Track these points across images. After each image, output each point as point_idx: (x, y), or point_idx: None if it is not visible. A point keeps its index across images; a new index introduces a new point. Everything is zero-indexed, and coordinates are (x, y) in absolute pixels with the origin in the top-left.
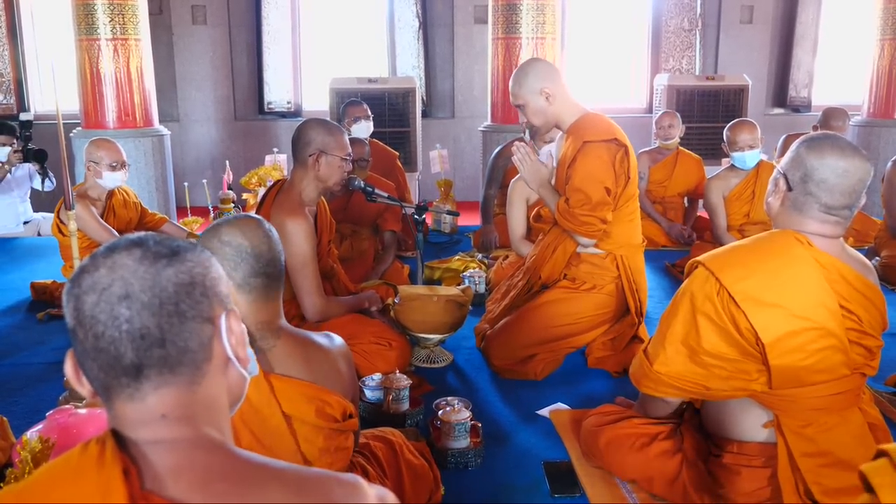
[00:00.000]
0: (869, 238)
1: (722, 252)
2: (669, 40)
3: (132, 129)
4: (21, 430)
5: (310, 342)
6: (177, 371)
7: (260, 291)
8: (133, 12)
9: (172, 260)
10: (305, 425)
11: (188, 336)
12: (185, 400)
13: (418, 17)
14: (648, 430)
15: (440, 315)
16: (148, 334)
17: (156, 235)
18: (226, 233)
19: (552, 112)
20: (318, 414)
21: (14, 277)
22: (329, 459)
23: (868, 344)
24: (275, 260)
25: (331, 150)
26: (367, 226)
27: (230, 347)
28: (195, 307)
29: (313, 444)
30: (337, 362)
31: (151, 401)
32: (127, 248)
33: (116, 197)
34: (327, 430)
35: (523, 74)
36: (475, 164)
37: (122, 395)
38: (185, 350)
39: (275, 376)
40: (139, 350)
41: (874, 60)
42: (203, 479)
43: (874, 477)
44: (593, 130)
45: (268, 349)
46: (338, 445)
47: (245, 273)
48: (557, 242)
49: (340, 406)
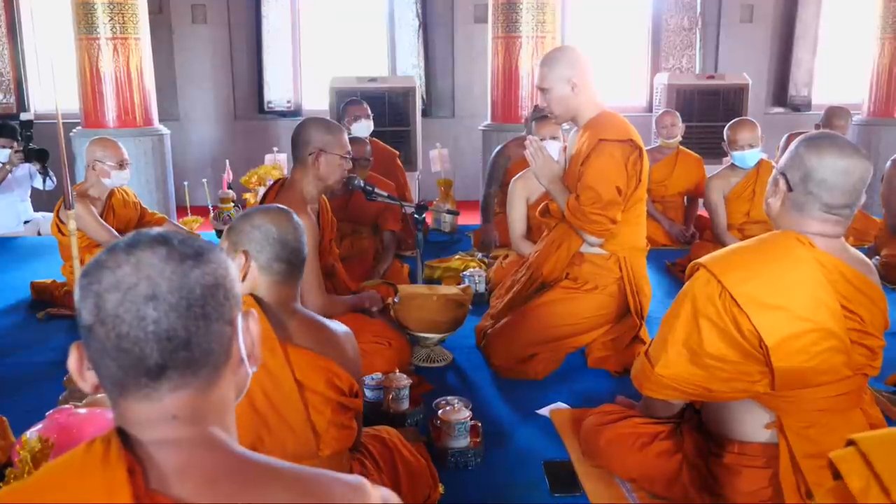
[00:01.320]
0: (869, 237)
1: (723, 254)
2: (669, 39)
3: (132, 129)
4: (21, 429)
5: (321, 324)
6: (198, 373)
7: (281, 275)
8: (133, 11)
9: (199, 261)
10: (316, 395)
11: (212, 338)
12: (198, 401)
13: (418, 16)
14: (648, 429)
15: (440, 314)
16: (175, 336)
17: (177, 233)
18: (258, 218)
19: (574, 103)
20: (327, 384)
21: (14, 277)
22: (335, 434)
23: (870, 344)
24: (298, 249)
25: (330, 148)
26: (367, 225)
27: (245, 348)
28: (219, 309)
29: (322, 414)
30: (345, 345)
31: (167, 401)
32: (151, 245)
33: (116, 196)
34: (335, 403)
35: (555, 60)
36: (475, 164)
37: (138, 395)
38: (209, 352)
39: (290, 345)
40: (164, 352)
41: (874, 59)
42: (209, 479)
43: (842, 464)
44: (610, 129)
45: (286, 322)
46: (343, 422)
47: (269, 256)
48: (562, 239)
49: (348, 381)
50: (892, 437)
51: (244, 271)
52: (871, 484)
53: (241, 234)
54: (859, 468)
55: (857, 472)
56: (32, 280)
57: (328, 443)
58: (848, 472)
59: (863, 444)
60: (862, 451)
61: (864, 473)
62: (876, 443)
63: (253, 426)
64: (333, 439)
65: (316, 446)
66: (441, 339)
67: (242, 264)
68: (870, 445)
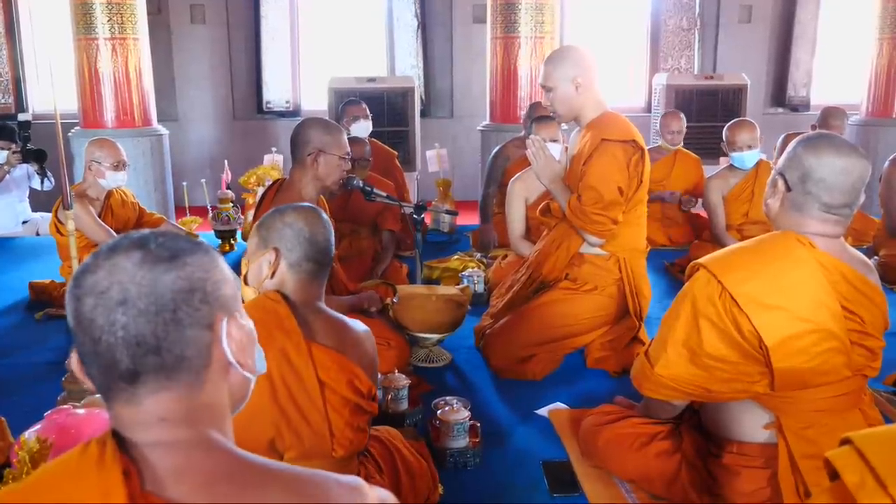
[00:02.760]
0: (867, 237)
1: (723, 254)
2: (668, 39)
3: (131, 129)
4: (19, 430)
5: (345, 324)
6: (173, 378)
7: (308, 274)
8: (132, 12)
9: (172, 264)
10: (336, 395)
11: (185, 344)
12: (185, 404)
13: (417, 16)
14: (647, 429)
15: (439, 314)
16: (143, 342)
17: (161, 235)
18: (290, 216)
19: (578, 103)
20: (348, 385)
21: (12, 277)
22: (351, 436)
23: (870, 345)
24: (327, 250)
25: (329, 149)
26: (366, 225)
27: (231, 353)
28: (193, 314)
29: (341, 415)
30: (365, 345)
31: (148, 405)
32: (127, 249)
33: (115, 197)
34: (353, 405)
35: (561, 59)
36: (474, 164)
37: (120, 399)
38: (182, 358)
39: (315, 344)
40: (135, 357)
41: (873, 59)
42: (205, 480)
43: (837, 461)
44: (613, 129)
45: (311, 321)
46: (359, 425)
47: (299, 256)
48: (562, 239)
49: (367, 384)
50: (886, 433)
51: (274, 268)
52: (866, 479)
53: (273, 230)
54: (854, 463)
55: (852, 467)
56: (31, 280)
57: (343, 444)
58: (843, 468)
59: (858, 440)
60: (857, 447)
61: (859, 468)
62: (871, 439)
63: (273, 421)
64: (348, 441)
65: (331, 446)
66: (440, 340)
67: (273, 261)
68: (865, 441)
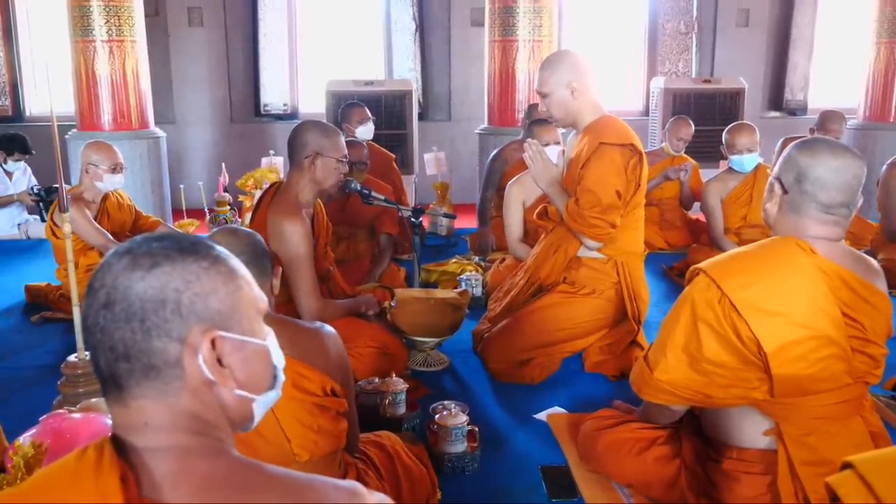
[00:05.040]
0: (865, 241)
1: (723, 259)
2: (666, 43)
3: (128, 131)
4: (14, 434)
5: (293, 323)
6: (144, 385)
7: None
8: (129, 14)
9: (149, 272)
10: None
11: (151, 354)
12: (166, 411)
13: (415, 19)
14: (646, 434)
15: (436, 318)
16: (114, 347)
17: (164, 239)
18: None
19: (574, 107)
20: (293, 385)
21: (8, 280)
22: (313, 438)
23: (872, 352)
24: (253, 244)
25: (327, 152)
26: (363, 228)
27: (207, 370)
28: (162, 325)
29: (292, 416)
30: (324, 342)
31: (133, 408)
32: (122, 253)
33: (111, 200)
34: (309, 405)
35: (555, 64)
36: (472, 167)
37: (112, 399)
38: (150, 367)
39: None
40: (109, 361)
41: (870, 63)
42: (202, 486)
43: (840, 488)
44: (611, 133)
45: None
46: (321, 425)
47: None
48: (560, 243)
49: (320, 381)
50: (889, 457)
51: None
52: None
53: None
54: (857, 489)
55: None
56: (27, 283)
57: (305, 447)
58: (846, 495)
59: (860, 465)
60: (860, 473)
61: (862, 494)
62: (874, 465)
63: None
64: (311, 443)
65: (291, 452)
66: (438, 343)
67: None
68: (867, 467)
